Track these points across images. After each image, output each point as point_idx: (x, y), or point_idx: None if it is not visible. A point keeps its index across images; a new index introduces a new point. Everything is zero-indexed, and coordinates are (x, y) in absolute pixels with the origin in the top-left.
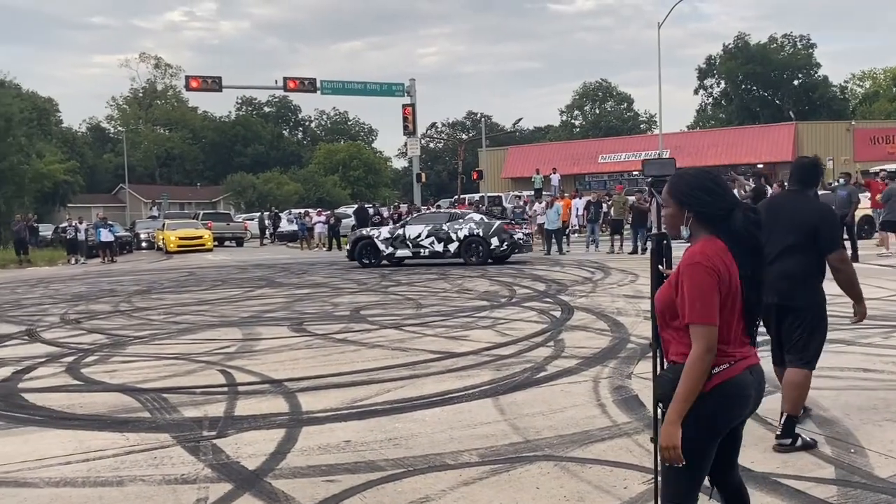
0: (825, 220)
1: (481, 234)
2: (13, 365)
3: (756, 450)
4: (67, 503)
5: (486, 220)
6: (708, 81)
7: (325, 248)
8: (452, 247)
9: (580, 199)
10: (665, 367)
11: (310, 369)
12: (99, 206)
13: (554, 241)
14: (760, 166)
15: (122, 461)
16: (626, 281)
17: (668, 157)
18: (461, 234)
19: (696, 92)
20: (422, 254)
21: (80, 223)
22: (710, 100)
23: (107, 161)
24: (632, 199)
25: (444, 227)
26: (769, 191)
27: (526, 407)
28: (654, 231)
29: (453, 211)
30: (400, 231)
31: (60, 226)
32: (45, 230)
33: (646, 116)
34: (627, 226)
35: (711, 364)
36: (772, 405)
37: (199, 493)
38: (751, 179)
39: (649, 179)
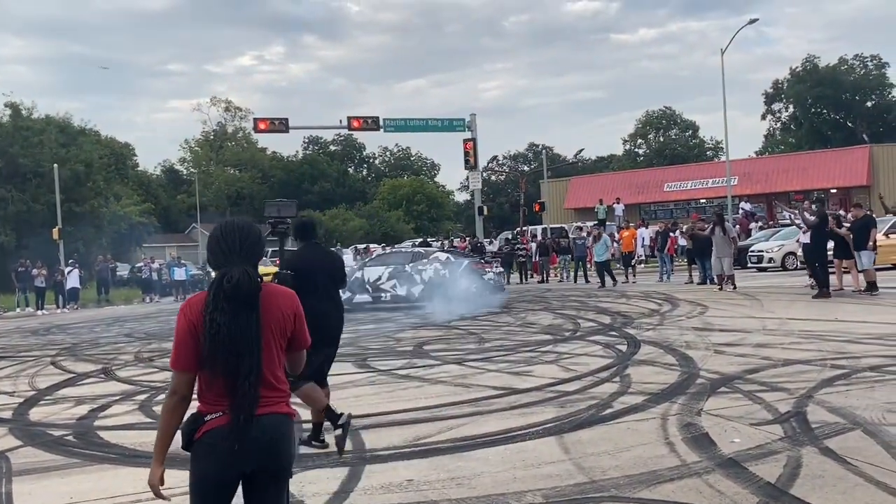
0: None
1: (447, 275)
2: (90, 403)
3: (835, 490)
4: None
5: (452, 260)
6: (776, 106)
7: None
8: (417, 290)
9: (646, 228)
10: None
11: (373, 406)
12: (173, 246)
13: (606, 273)
14: (833, 191)
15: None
16: (695, 313)
17: (290, 200)
18: (426, 276)
19: (763, 117)
20: (383, 298)
21: (153, 262)
22: (779, 124)
23: (180, 202)
24: (685, 226)
25: (407, 268)
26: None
27: (591, 446)
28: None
29: (416, 250)
30: (358, 274)
31: (136, 265)
32: (122, 270)
33: (712, 143)
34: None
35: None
36: (851, 443)
37: None
38: (813, 206)
39: (270, 220)
